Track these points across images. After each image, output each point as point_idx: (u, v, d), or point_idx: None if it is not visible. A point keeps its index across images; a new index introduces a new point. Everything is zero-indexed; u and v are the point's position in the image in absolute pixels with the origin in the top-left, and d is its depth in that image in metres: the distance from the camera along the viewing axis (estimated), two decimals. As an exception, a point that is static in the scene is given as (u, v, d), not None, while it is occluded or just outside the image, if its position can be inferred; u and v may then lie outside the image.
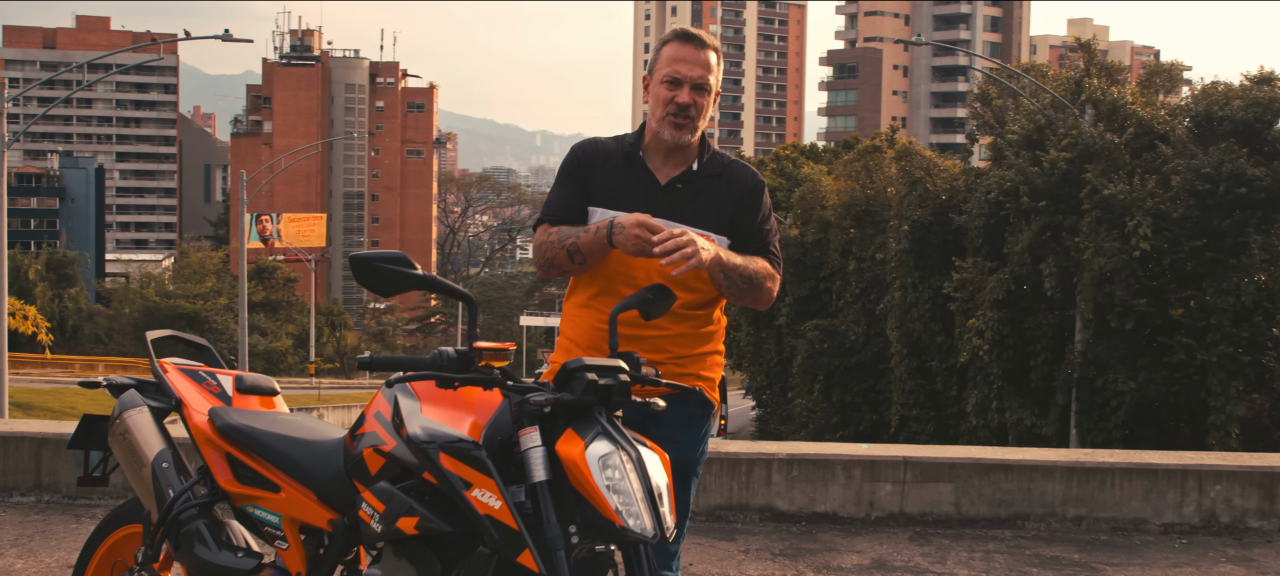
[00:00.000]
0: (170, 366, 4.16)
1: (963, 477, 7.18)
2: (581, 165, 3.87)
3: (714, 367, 3.95)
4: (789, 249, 38.23)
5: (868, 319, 34.50)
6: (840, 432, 35.50)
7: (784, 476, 7.18)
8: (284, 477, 3.73)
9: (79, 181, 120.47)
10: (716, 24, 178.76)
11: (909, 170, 32.58)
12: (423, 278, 3.37)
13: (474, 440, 3.27)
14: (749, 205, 3.87)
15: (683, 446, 3.85)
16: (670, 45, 3.83)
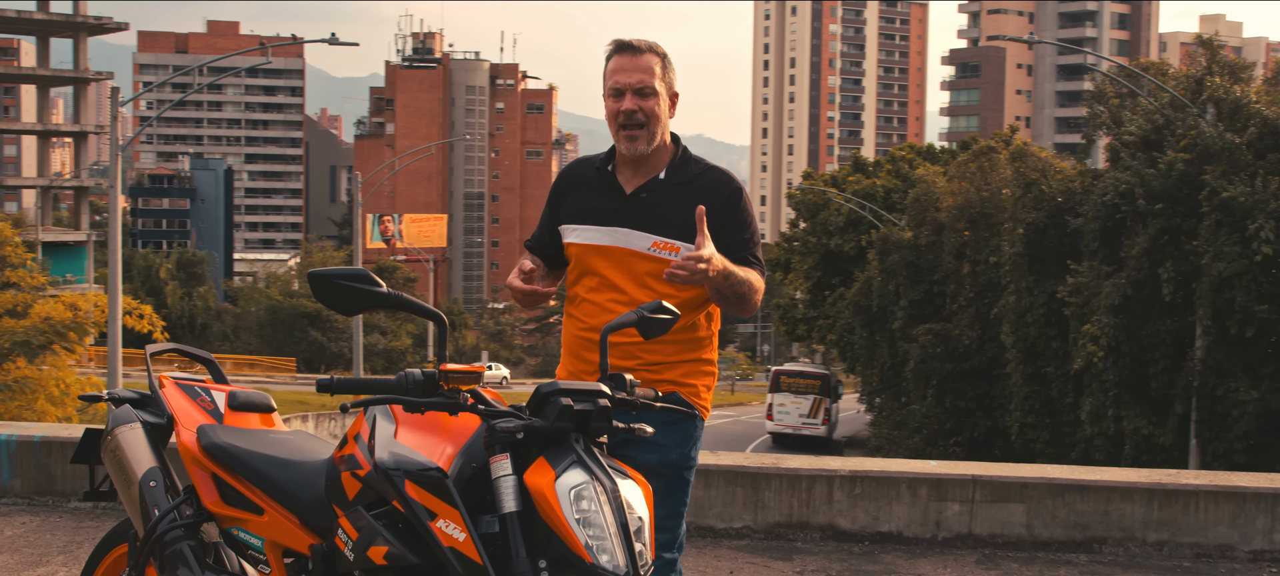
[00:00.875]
0: (168, 381, 4.05)
1: (1035, 498, 6.84)
2: (557, 190, 4.02)
3: (694, 375, 3.93)
4: (902, 251, 37.68)
5: (982, 323, 33.78)
6: (954, 439, 34.87)
7: (846, 494, 6.90)
8: (267, 500, 3.60)
9: (209, 182, 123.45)
10: (836, 24, 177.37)
11: (1024, 171, 31.80)
12: (387, 295, 3.20)
13: (441, 468, 3.10)
14: (725, 212, 3.82)
15: (665, 449, 3.82)
16: (610, 59, 3.84)
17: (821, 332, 52.22)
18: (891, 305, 38.75)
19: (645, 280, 3.79)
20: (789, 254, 56.35)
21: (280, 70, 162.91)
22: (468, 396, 3.17)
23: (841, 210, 49.87)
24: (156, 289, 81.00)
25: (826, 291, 51.09)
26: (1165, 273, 25.14)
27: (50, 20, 70.99)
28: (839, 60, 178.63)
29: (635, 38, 3.83)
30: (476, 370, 3.15)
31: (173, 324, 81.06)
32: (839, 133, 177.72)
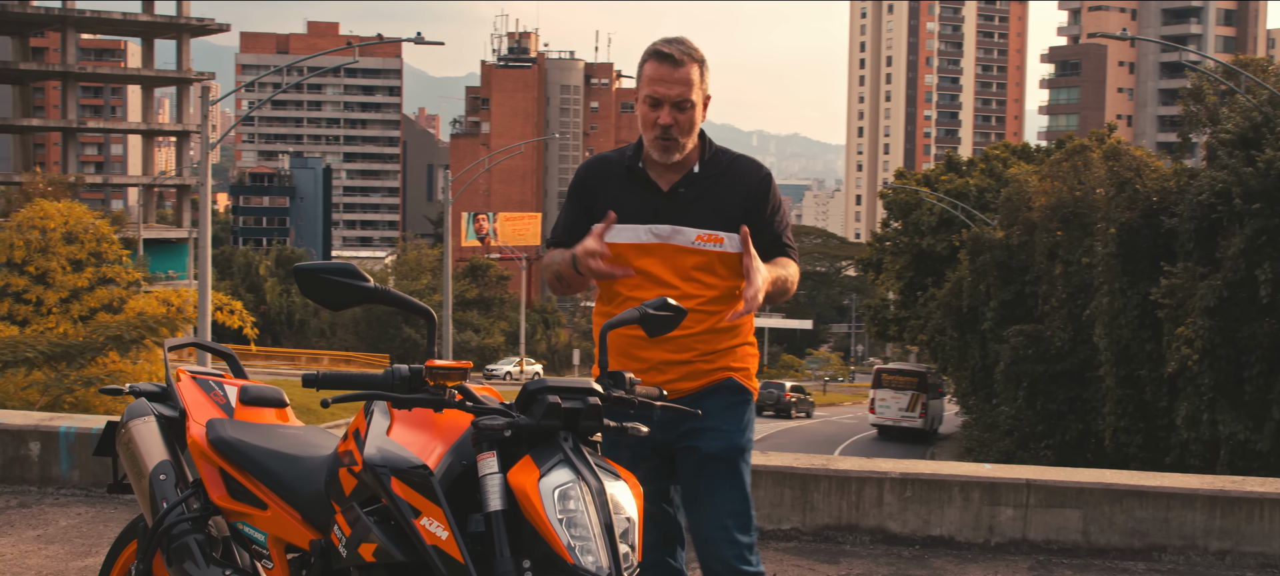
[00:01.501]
0: (185, 375, 4.07)
1: (1092, 503, 6.66)
2: (584, 185, 3.97)
3: (746, 358, 3.98)
4: (993, 251, 37.15)
5: (1074, 324, 33.20)
6: (1045, 443, 34.31)
7: (896, 497, 6.78)
8: (270, 495, 3.59)
9: (308, 181, 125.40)
10: (934, 22, 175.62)
11: (1118, 170, 31.20)
12: (373, 290, 3.18)
13: (426, 466, 3.06)
14: (757, 200, 3.89)
15: (727, 433, 3.88)
16: (648, 64, 3.82)
17: (913, 333, 51.72)
18: (982, 306, 38.25)
19: (691, 274, 3.83)
20: (881, 254, 55.88)
21: (378, 70, 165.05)
22: (455, 393, 3.13)
23: (934, 210, 49.33)
24: (256, 286, 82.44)
25: (918, 292, 50.57)
26: (1263, 274, 24.53)
27: (154, 22, 72.57)
28: (936, 58, 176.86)
29: (674, 45, 3.80)
30: (463, 366, 3.11)
31: (271, 320, 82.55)
32: (935, 132, 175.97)
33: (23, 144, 78.07)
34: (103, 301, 27.84)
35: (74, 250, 27.77)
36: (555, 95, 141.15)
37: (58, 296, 27.05)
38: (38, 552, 6.23)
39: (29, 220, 27.59)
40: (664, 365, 3.84)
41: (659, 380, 3.81)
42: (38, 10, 70.68)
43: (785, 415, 58.14)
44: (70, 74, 70.54)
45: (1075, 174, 35.10)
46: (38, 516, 6.90)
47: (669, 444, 3.90)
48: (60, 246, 27.41)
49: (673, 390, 3.80)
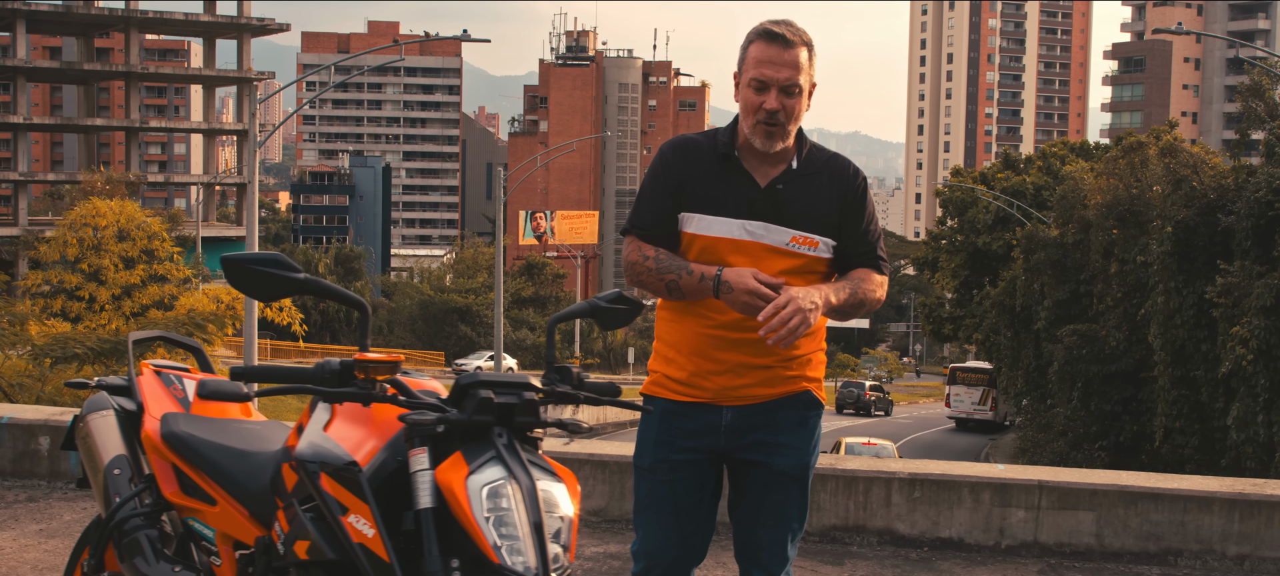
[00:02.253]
0: (147, 368, 4.03)
1: (1106, 506, 6.49)
2: (672, 171, 3.66)
3: (820, 366, 3.80)
4: (1048, 249, 36.69)
5: (1130, 324, 32.71)
6: (1099, 444, 33.84)
7: (905, 497, 6.64)
8: (219, 491, 3.54)
9: (367, 179, 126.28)
10: (996, 19, 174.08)
11: (1174, 167, 30.69)
12: (305, 281, 3.12)
13: (355, 462, 2.99)
14: (854, 206, 3.67)
15: (797, 452, 3.72)
16: (755, 45, 3.57)
17: (968, 332, 51.27)
18: (1036, 305, 37.80)
19: (782, 275, 3.56)
20: (936, 252, 55.42)
21: (438, 69, 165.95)
22: (386, 387, 3.06)
23: (990, 208, 48.84)
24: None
25: (974, 290, 50.09)
26: (1320, 273, 24.02)
27: (216, 22, 73.33)
28: (998, 55, 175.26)
29: (784, 25, 3.56)
30: (394, 359, 3.04)
31: (330, 318, 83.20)
32: (997, 130, 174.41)
33: (87, 143, 79.14)
34: (154, 298, 28.16)
35: (126, 248, 28.13)
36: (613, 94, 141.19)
37: (110, 293, 27.40)
38: (37, 547, 6.24)
39: (82, 218, 27.97)
40: (741, 368, 3.62)
41: (734, 383, 3.62)
42: (102, 11, 71.62)
43: (866, 412, 61.36)
44: (133, 74, 71.41)
45: (1132, 171, 34.59)
46: (44, 510, 6.92)
47: (732, 452, 3.70)
48: (112, 244, 27.76)
49: (747, 396, 3.64)
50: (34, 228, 60.16)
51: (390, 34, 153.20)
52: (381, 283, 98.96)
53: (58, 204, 75.25)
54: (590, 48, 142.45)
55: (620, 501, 6.80)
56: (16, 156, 69.98)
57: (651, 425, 3.74)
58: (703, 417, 3.66)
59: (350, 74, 38.60)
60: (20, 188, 68.57)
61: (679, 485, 3.70)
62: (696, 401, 3.66)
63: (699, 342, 3.64)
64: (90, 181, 52.93)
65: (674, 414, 3.69)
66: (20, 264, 53.75)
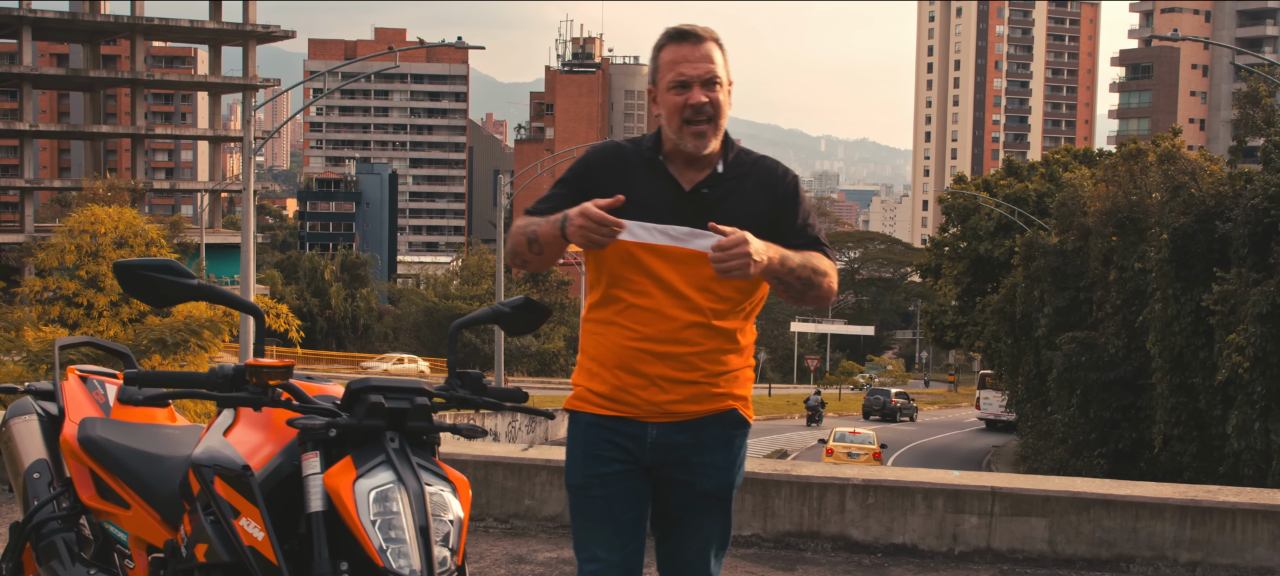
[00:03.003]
0: (73, 373, 4.06)
1: (1058, 512, 6.51)
2: (590, 171, 3.58)
3: (747, 383, 3.66)
4: (1047, 256, 36.70)
5: (1128, 331, 32.69)
6: (1098, 451, 33.81)
7: (859, 504, 6.67)
8: (132, 494, 3.58)
9: (374, 186, 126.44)
10: (1003, 25, 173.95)
11: (1173, 174, 30.69)
12: (199, 287, 3.15)
13: (247, 465, 3.03)
14: (786, 205, 3.57)
15: (721, 472, 3.60)
16: (667, 48, 3.51)
17: (970, 339, 51.26)
18: (1036, 312, 37.79)
19: (706, 283, 3.47)
20: (939, 259, 55.43)
21: (445, 76, 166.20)
22: (279, 391, 3.09)
23: (992, 215, 48.85)
24: (321, 290, 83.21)
25: (977, 297, 50.11)
26: (1316, 280, 23.99)
27: (221, 29, 73.49)
28: (1005, 62, 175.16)
29: (691, 25, 3.53)
30: (286, 364, 3.07)
31: (336, 325, 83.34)
32: (1004, 136, 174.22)
33: (94, 150, 79.38)
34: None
35: (124, 254, 28.15)
36: (619, 100, 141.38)
37: (108, 299, 27.40)
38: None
39: (80, 225, 28.00)
40: (665, 382, 3.50)
41: (659, 398, 3.50)
42: (108, 18, 71.85)
43: (891, 418, 64.09)
44: (138, 81, 71.62)
45: (1131, 178, 34.59)
46: (4, 515, 6.96)
47: (655, 469, 3.59)
48: (110, 251, 27.76)
49: (672, 412, 3.51)
50: (40, 234, 60.35)
51: (396, 40, 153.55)
52: (387, 289, 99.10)
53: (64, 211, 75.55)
54: (597, 54, 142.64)
55: (577, 507, 6.82)
56: (23, 163, 70.23)
57: (578, 440, 3.64)
58: (628, 431, 3.56)
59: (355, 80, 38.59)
60: (27, 194, 68.82)
61: (615, 499, 3.58)
62: (621, 416, 3.56)
63: (623, 355, 3.53)
64: (92, 188, 53.05)
65: (599, 426, 3.59)
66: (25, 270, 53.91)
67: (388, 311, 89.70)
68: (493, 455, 7.02)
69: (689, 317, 3.47)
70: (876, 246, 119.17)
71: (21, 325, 23.55)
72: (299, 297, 77.44)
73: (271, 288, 70.63)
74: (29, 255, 49.44)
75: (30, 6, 67.16)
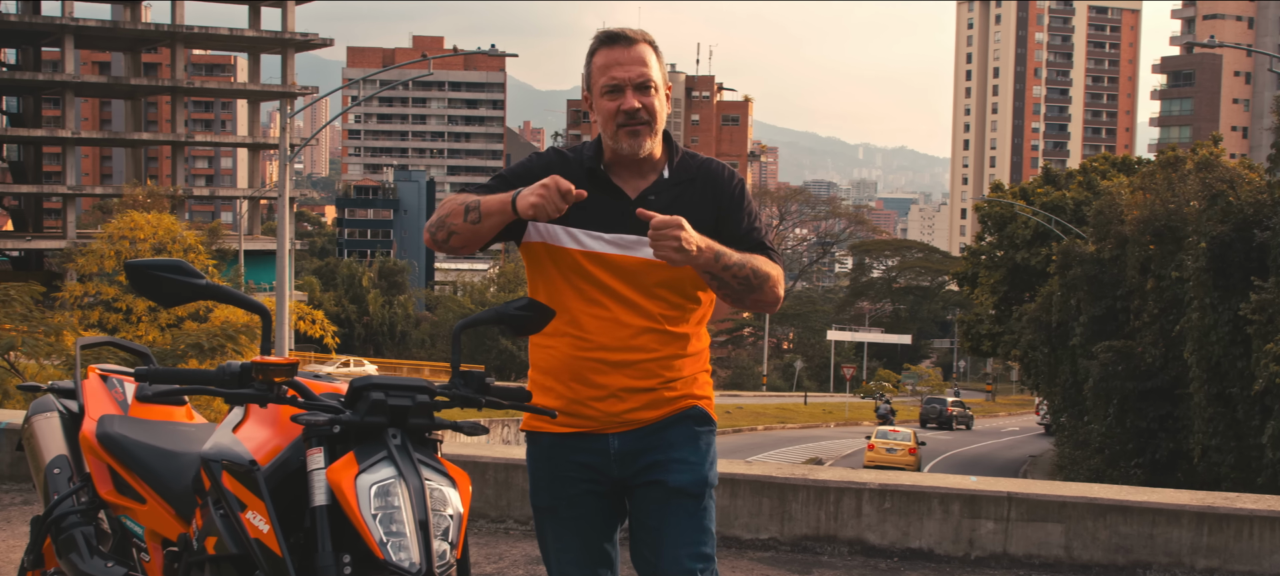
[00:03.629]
0: (93, 372, 4.17)
1: (1074, 518, 6.52)
2: (531, 175, 3.46)
3: (707, 386, 3.63)
4: (1084, 265, 36.49)
5: (1165, 341, 32.47)
6: (1135, 461, 33.60)
7: (875, 508, 6.70)
8: (148, 490, 3.68)
9: (411, 193, 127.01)
10: (1042, 32, 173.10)
11: (1210, 182, 30.45)
12: (207, 287, 3.23)
13: (254, 460, 3.12)
14: (731, 207, 3.53)
15: (692, 467, 3.53)
16: (598, 53, 3.48)
17: (1006, 348, 51.02)
18: (1072, 321, 37.56)
19: (655, 290, 3.46)
20: (976, 267, 55.22)
21: (482, 83, 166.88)
22: (285, 388, 3.17)
23: (1029, 223, 48.63)
24: (359, 297, 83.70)
25: (1014, 306, 49.87)
26: (1354, 289, 23.78)
27: (260, 37, 74.15)
28: (1045, 69, 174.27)
29: (625, 27, 3.51)
30: (290, 362, 3.15)
31: (374, 331, 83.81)
32: (1043, 144, 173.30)
33: (135, 157, 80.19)
34: (191, 310, 28.50)
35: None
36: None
37: (146, 305, 27.76)
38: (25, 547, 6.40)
39: (119, 231, 28.39)
40: (624, 393, 3.47)
41: (618, 408, 3.48)
42: (149, 27, 72.60)
43: (947, 426, 65.46)
44: (179, 89, 72.32)
45: (1169, 186, 34.35)
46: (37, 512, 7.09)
47: (626, 480, 3.55)
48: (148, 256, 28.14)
49: (633, 420, 3.49)
50: (81, 240, 61.03)
51: (434, 48, 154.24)
52: (425, 296, 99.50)
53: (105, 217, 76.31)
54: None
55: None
56: (66, 170, 71.05)
57: (541, 461, 3.61)
58: (589, 446, 3.52)
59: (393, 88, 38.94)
60: (69, 201, 69.60)
61: (583, 521, 3.57)
62: (579, 431, 3.52)
63: (575, 367, 3.49)
64: (133, 195, 53.60)
65: (559, 446, 3.55)
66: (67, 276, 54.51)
67: (425, 318, 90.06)
68: (513, 458, 7.11)
69: (642, 324, 3.45)
70: (914, 255, 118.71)
71: (62, 329, 23.84)
72: (337, 304, 77.96)
73: (310, 294, 71.07)
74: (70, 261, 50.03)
75: (73, 15, 67.95)
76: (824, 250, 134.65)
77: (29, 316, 25.08)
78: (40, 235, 72.45)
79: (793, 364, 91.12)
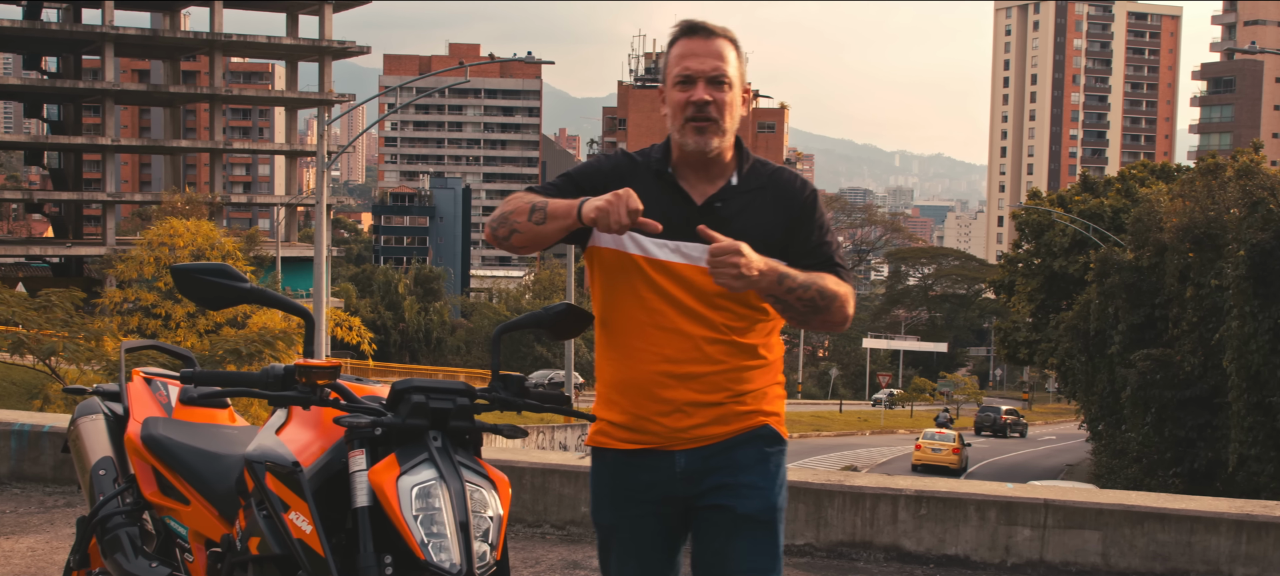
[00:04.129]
0: (138, 375, 4.22)
1: (1112, 526, 6.50)
2: (595, 179, 3.38)
3: (777, 400, 3.47)
4: (1122, 273, 36.25)
5: (1204, 349, 32.22)
6: (1173, 470, 33.37)
7: (911, 514, 6.70)
8: (191, 491, 3.73)
9: (447, 201, 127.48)
10: (1081, 38, 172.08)
11: (1251, 189, 30.24)
12: (250, 290, 3.28)
13: (297, 462, 3.16)
14: (802, 219, 3.37)
15: (762, 493, 3.37)
16: (677, 43, 3.34)
17: (1043, 356, 50.76)
18: (1110, 329, 37.34)
19: (719, 301, 3.30)
20: (1012, 275, 54.97)
21: (518, 91, 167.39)
22: (328, 391, 3.21)
23: (1066, 231, 48.38)
24: (395, 304, 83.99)
25: (1051, 314, 49.62)
26: (1395, 298, 23.54)
27: (298, 45, 74.52)
28: (1083, 75, 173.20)
29: (703, 20, 3.34)
30: (334, 365, 3.20)
31: (410, 338, 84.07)
32: (1082, 152, 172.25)
33: (174, 164, 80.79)
34: (228, 316, 28.68)
35: (202, 266, 28.68)
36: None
37: (185, 310, 27.95)
38: (68, 548, 6.49)
39: (159, 237, 28.58)
40: (690, 408, 3.31)
41: (684, 424, 3.32)
42: (188, 35, 73.14)
43: (1001, 435, 66.59)
44: (216, 96, 72.81)
45: (1209, 194, 34.12)
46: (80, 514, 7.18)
47: (691, 499, 3.40)
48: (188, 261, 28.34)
49: (699, 437, 3.33)
50: (121, 247, 61.54)
51: (470, 56, 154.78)
52: (460, 303, 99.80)
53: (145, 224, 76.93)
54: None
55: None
56: (105, 177, 71.62)
57: (603, 478, 3.49)
58: (655, 464, 3.38)
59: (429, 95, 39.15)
60: (108, 208, 70.19)
61: (645, 540, 3.45)
62: (645, 448, 3.38)
63: (639, 381, 3.35)
64: (171, 202, 54.03)
65: (624, 464, 3.42)
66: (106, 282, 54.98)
67: (460, 325, 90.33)
68: (551, 463, 7.14)
69: (708, 335, 3.31)
70: (950, 262, 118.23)
71: (102, 335, 24.07)
72: (373, 311, 78.23)
73: (346, 301, 71.44)
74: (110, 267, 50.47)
75: (113, 23, 68.55)
76: (860, 258, 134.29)
77: (70, 322, 25.34)
78: (80, 242, 73.09)
79: (828, 371, 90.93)
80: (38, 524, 7.02)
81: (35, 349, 23.73)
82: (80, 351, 23.89)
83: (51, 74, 75.66)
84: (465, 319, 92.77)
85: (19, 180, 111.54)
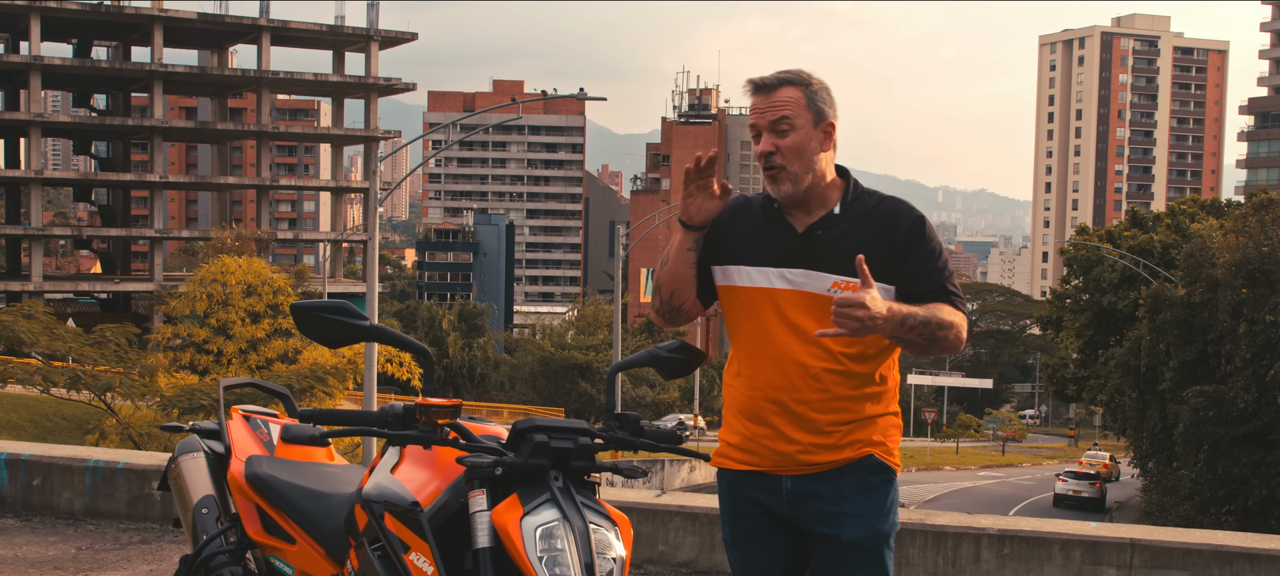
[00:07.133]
0: (237, 413, 4.23)
1: (1200, 566, 6.39)
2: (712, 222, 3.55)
3: (889, 430, 3.54)
4: (1174, 309, 35.90)
5: (1259, 385, 31.83)
6: (1227, 508, 32.93)
7: (994, 554, 6.61)
8: (298, 530, 3.71)
9: (491, 237, 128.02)
10: (1127, 73, 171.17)
11: (1305, 225, 29.91)
12: (369, 328, 3.27)
13: (417, 502, 3.14)
14: (910, 245, 3.44)
15: (865, 520, 3.47)
16: (751, 100, 3.54)
17: (1092, 393, 50.31)
18: (1161, 365, 36.95)
19: (814, 334, 3.40)
20: (1060, 311, 54.58)
21: (561, 127, 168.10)
22: (448, 430, 3.19)
23: (1115, 267, 48.02)
24: (439, 339, 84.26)
25: (1099, 350, 49.21)
26: None
27: (344, 82, 75.20)
28: (1129, 111, 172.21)
29: (775, 71, 3.52)
30: (454, 404, 3.17)
31: (453, 374, 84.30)
32: (1127, 187, 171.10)
33: (220, 200, 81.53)
34: (279, 352, 28.85)
35: (252, 303, 28.91)
36: (735, 151, 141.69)
37: (237, 347, 28.16)
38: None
39: (211, 275, 28.83)
40: (792, 431, 3.45)
41: (786, 449, 3.45)
42: (235, 72, 73.95)
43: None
44: (263, 133, 73.52)
45: (1262, 229, 33.77)
46: (155, 552, 7.19)
47: (800, 522, 3.52)
48: (239, 299, 28.54)
49: (804, 464, 3.45)
50: (168, 283, 62.11)
51: (515, 93, 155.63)
52: (504, 339, 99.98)
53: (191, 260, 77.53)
54: (712, 105, 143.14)
55: (710, 553, 6.89)
56: (153, 214, 72.36)
57: (724, 496, 3.66)
58: (764, 485, 3.53)
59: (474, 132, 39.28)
60: (156, 244, 70.89)
61: (760, 556, 3.59)
62: (756, 470, 3.53)
63: (750, 406, 3.51)
64: (221, 238, 54.48)
65: (739, 483, 3.59)
66: (155, 318, 55.44)
67: (504, 361, 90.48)
68: (627, 500, 7.10)
69: (814, 363, 3.41)
70: (995, 298, 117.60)
71: (155, 371, 24.23)
72: (417, 346, 78.41)
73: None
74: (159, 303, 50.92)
75: (161, 62, 69.39)
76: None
77: (124, 357, 25.53)
78: (128, 277, 73.85)
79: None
80: (115, 560, 7.03)
81: (91, 385, 23.92)
82: (135, 387, 24.03)
83: (100, 111, 76.63)
84: (509, 355, 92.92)
85: (67, 216, 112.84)
